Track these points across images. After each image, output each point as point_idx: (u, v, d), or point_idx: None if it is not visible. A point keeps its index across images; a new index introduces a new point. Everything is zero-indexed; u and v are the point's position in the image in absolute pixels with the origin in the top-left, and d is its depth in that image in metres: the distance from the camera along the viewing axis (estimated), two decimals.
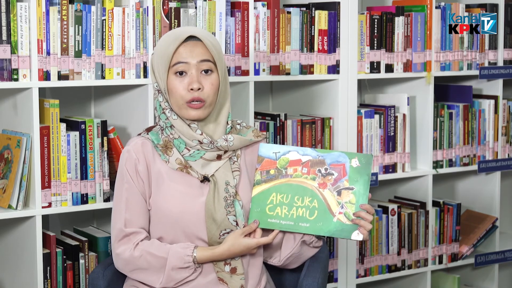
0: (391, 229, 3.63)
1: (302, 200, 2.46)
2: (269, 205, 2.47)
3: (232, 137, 2.50)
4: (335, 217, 2.45)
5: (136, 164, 2.48)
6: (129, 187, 2.48)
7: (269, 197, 2.47)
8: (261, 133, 2.60)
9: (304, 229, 2.46)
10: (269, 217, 2.46)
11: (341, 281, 3.51)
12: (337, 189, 2.46)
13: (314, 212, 2.46)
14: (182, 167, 2.47)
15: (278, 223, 2.46)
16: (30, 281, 2.89)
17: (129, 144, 2.53)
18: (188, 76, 2.44)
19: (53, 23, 2.81)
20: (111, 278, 2.56)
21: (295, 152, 2.49)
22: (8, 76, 2.75)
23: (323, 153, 2.47)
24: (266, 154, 2.49)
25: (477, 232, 3.90)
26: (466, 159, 3.83)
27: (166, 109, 2.49)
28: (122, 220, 2.47)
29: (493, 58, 3.83)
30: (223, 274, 2.46)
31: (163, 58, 2.45)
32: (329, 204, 2.45)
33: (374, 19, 3.48)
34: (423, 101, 3.69)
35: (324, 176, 2.47)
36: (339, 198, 2.46)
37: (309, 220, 2.46)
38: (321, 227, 2.45)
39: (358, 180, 2.46)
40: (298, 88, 3.59)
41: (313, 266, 2.57)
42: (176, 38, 2.44)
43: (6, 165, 2.87)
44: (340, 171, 2.46)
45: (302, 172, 2.47)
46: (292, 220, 2.46)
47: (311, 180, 2.47)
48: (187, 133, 2.47)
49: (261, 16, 3.21)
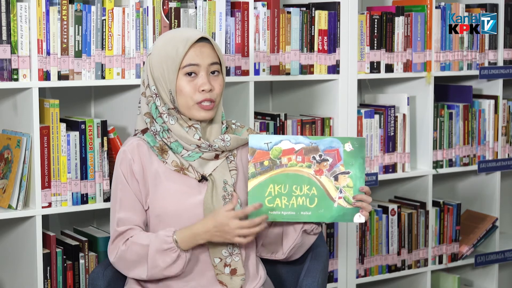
0: (391, 229, 3.63)
1: (300, 188, 2.46)
2: (267, 197, 2.46)
3: (228, 137, 2.52)
4: (335, 202, 2.46)
5: (131, 164, 2.48)
6: (122, 187, 2.49)
7: (267, 189, 2.46)
8: (256, 132, 2.61)
9: (306, 218, 2.47)
10: (270, 209, 2.45)
11: (341, 281, 3.51)
12: (333, 175, 2.47)
13: (314, 200, 2.46)
14: (178, 169, 2.48)
15: (280, 215, 2.46)
16: (30, 281, 2.89)
17: (124, 144, 2.54)
18: (199, 77, 2.46)
19: (53, 23, 2.81)
20: (111, 278, 2.56)
21: (287, 141, 2.47)
22: (8, 76, 2.75)
23: (316, 140, 2.47)
24: (257, 145, 2.47)
25: (477, 232, 3.90)
26: (466, 159, 3.83)
27: (163, 113, 2.49)
28: (115, 221, 2.49)
29: (493, 58, 3.83)
30: (222, 277, 2.46)
31: (171, 59, 2.45)
32: (327, 190, 2.46)
33: (374, 19, 3.48)
34: (423, 101, 3.69)
35: (319, 163, 2.47)
36: (336, 183, 2.46)
37: (310, 208, 2.46)
38: (323, 214, 2.46)
39: (353, 164, 2.47)
40: (298, 88, 3.59)
41: (313, 266, 2.57)
42: (187, 40, 2.45)
43: (6, 165, 2.87)
44: (335, 156, 2.47)
45: (296, 161, 2.47)
46: (293, 210, 2.46)
47: (307, 168, 2.47)
48: (184, 138, 2.48)
49: (261, 16, 3.21)
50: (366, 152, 3.50)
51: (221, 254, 2.46)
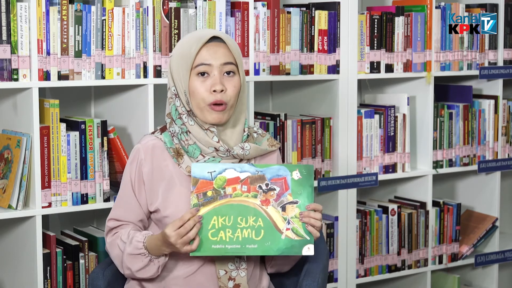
0: (391, 229, 3.63)
1: (246, 220, 2.33)
2: (211, 230, 2.32)
3: (248, 146, 2.45)
4: (283, 234, 2.34)
5: (141, 165, 2.46)
6: (125, 185, 2.49)
7: (210, 221, 2.32)
8: (276, 142, 2.55)
9: (252, 251, 2.34)
10: (213, 243, 2.33)
11: (341, 281, 3.51)
12: (281, 205, 2.35)
13: (260, 232, 2.33)
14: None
15: (223, 248, 2.33)
16: (30, 281, 2.89)
17: (140, 142, 2.50)
18: (211, 77, 2.40)
19: (53, 23, 2.81)
20: (111, 278, 2.56)
21: (232, 169, 2.34)
22: (8, 76, 2.76)
23: (262, 168, 2.35)
24: (200, 174, 2.33)
25: (477, 232, 3.90)
26: (466, 159, 3.83)
27: (183, 114, 2.44)
28: (111, 215, 2.50)
29: (493, 58, 3.83)
30: None
31: (185, 59, 2.40)
32: (274, 221, 2.34)
33: (374, 19, 3.48)
34: (423, 101, 3.69)
35: (266, 192, 2.35)
36: (284, 213, 2.34)
37: (256, 240, 2.34)
38: (270, 247, 2.34)
39: (302, 193, 2.35)
40: (298, 88, 3.59)
41: (313, 266, 2.57)
42: (199, 38, 2.41)
43: (6, 165, 2.87)
44: (282, 185, 2.35)
45: (242, 191, 2.34)
46: (238, 243, 2.33)
47: (253, 198, 2.34)
48: (203, 140, 2.42)
49: (261, 16, 3.21)
50: (366, 152, 3.51)
51: (227, 267, 2.43)
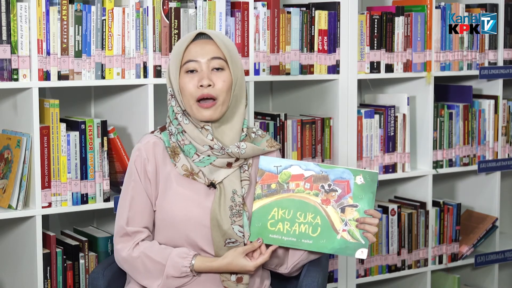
0: (391, 229, 3.63)
1: (304, 216, 2.42)
2: (270, 220, 2.42)
3: (244, 145, 2.45)
4: (338, 234, 2.41)
5: (146, 164, 2.45)
6: (135, 185, 2.46)
7: (271, 212, 2.42)
8: (276, 143, 2.55)
9: (306, 246, 2.43)
10: (271, 233, 2.42)
11: (341, 281, 3.51)
12: (340, 206, 2.41)
13: (317, 229, 2.42)
14: (188, 174, 2.44)
15: (280, 239, 2.42)
16: (30, 281, 2.89)
17: (141, 141, 2.50)
18: (199, 73, 2.41)
19: (53, 23, 2.81)
20: (111, 278, 2.56)
21: (297, 166, 2.43)
22: (8, 76, 2.76)
23: (327, 169, 2.42)
24: (267, 167, 2.43)
25: (477, 232, 3.90)
26: (466, 159, 3.83)
27: (178, 114, 2.45)
28: (124, 218, 2.45)
29: (493, 58, 3.83)
30: (229, 283, 2.44)
31: (175, 57, 2.43)
32: (332, 221, 2.41)
33: (374, 19, 3.48)
34: (423, 101, 3.69)
35: (328, 192, 2.42)
36: (342, 215, 2.41)
37: (312, 236, 2.42)
38: (324, 244, 2.42)
39: (363, 198, 2.42)
40: (298, 88, 3.59)
41: (312, 266, 2.56)
42: (188, 37, 2.44)
43: (6, 165, 2.87)
44: (344, 188, 2.41)
45: (304, 188, 2.42)
46: (294, 236, 2.42)
47: (314, 196, 2.42)
48: (198, 138, 2.43)
49: (261, 16, 3.21)
50: (366, 152, 3.51)
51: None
